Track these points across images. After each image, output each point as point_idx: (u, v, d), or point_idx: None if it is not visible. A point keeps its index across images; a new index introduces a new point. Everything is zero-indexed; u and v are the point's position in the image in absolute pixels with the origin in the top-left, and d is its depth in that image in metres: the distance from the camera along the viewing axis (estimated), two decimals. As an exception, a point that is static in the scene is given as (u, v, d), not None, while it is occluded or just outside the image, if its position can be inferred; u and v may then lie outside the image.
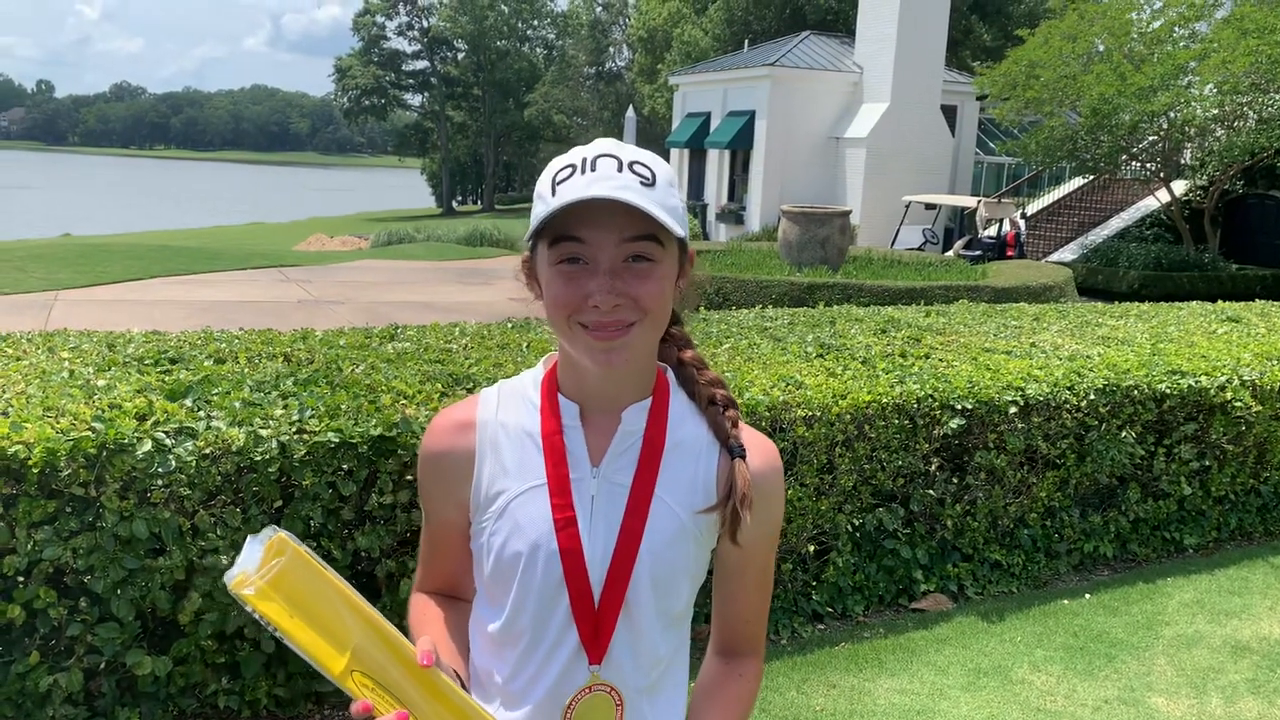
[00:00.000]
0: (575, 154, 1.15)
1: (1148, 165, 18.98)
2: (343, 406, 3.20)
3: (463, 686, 1.15)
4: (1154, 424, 4.83)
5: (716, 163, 26.22)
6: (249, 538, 1.08)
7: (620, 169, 1.12)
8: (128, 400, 3.06)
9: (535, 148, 59.71)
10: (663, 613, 1.24)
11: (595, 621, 1.21)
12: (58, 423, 2.81)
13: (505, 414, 1.26)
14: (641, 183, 1.11)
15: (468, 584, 1.34)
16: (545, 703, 1.22)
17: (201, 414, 3.04)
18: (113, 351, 3.91)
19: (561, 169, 1.14)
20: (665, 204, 1.13)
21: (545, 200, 1.13)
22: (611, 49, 52.17)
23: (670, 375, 1.29)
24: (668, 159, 29.95)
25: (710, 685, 1.34)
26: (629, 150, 1.15)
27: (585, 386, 1.23)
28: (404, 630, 1.19)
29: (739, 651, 1.35)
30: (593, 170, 1.11)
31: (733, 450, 1.24)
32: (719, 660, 1.36)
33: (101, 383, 3.30)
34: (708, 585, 1.34)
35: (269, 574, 1.06)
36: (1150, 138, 18.44)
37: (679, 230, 1.15)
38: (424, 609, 1.33)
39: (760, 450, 1.27)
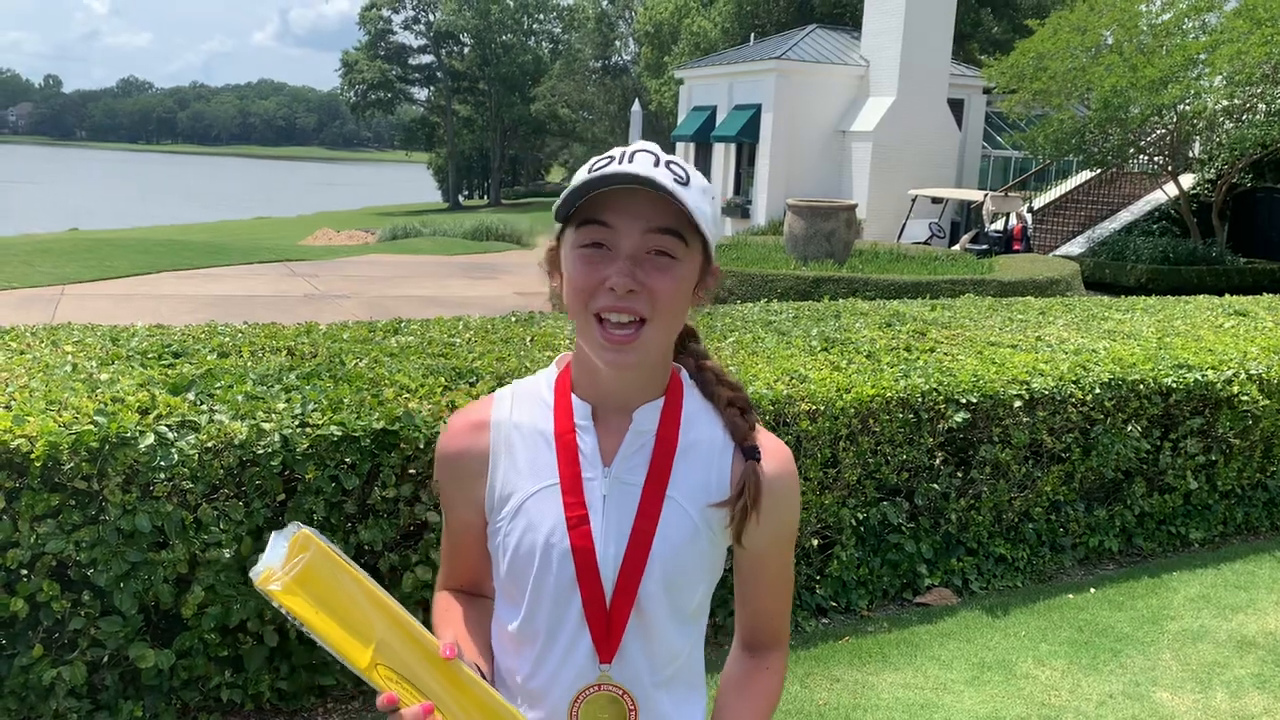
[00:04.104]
0: (615, 150, 1.18)
1: (1155, 159, 18.89)
2: (345, 400, 3.20)
3: (485, 681, 1.16)
4: (1160, 418, 4.81)
5: (722, 156, 26.16)
6: (274, 534, 1.10)
7: (657, 164, 1.14)
8: (130, 394, 3.06)
9: (541, 142, 59.67)
10: (676, 611, 1.24)
11: (606, 621, 1.21)
12: (60, 416, 2.81)
13: (519, 414, 1.27)
14: (675, 180, 1.13)
15: (489, 581, 1.35)
16: (560, 701, 1.23)
17: (204, 407, 3.04)
18: (116, 345, 3.91)
19: (600, 159, 1.16)
20: (697, 205, 1.14)
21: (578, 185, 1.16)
22: (618, 43, 52.07)
23: (685, 376, 1.29)
24: (673, 152, 30.05)
25: (738, 679, 1.35)
26: (667, 155, 1.18)
27: (598, 386, 1.23)
28: (428, 625, 1.20)
29: (763, 645, 1.36)
30: (630, 161, 1.13)
31: (746, 452, 1.24)
32: (744, 654, 1.37)
33: (104, 376, 3.31)
34: (728, 580, 1.35)
35: (294, 570, 1.08)
36: (1159, 131, 18.36)
37: (706, 228, 1.15)
38: (447, 605, 1.35)
39: (775, 454, 1.27)
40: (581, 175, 1.15)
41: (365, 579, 1.10)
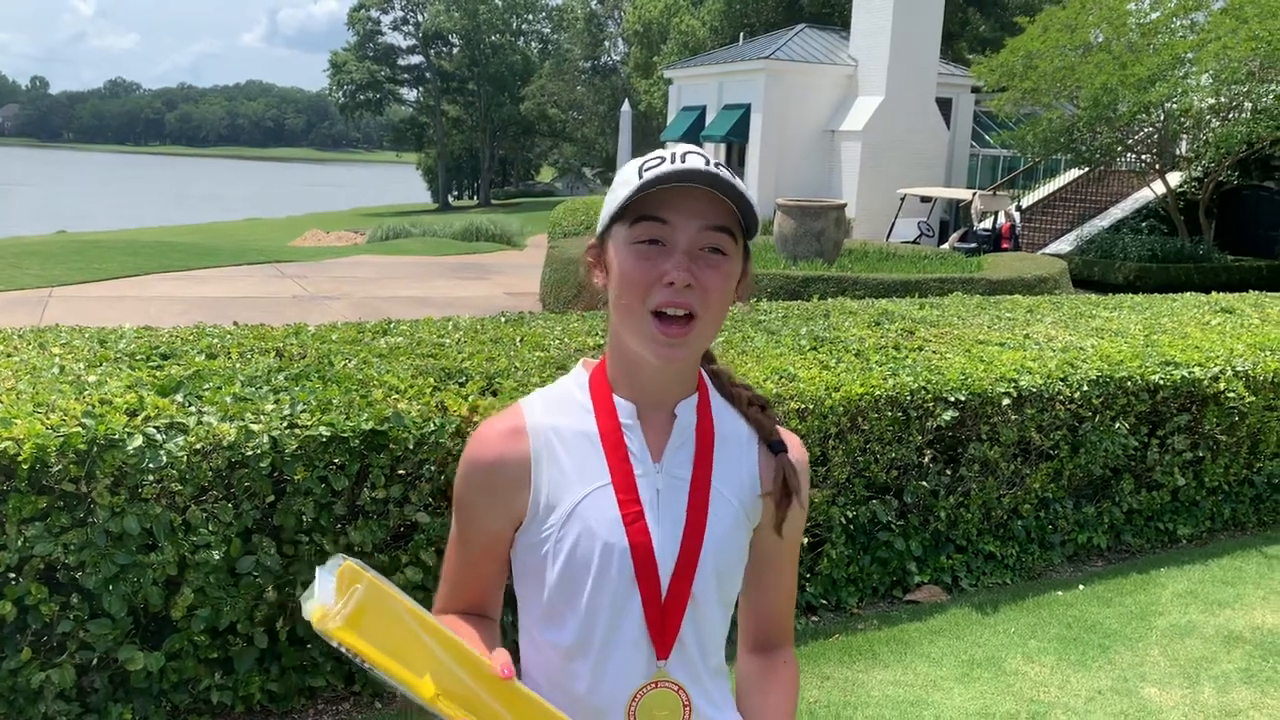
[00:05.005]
0: (663, 151, 1.20)
1: (1143, 157, 18.97)
2: (334, 401, 3.20)
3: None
4: (1147, 415, 4.83)
5: (712, 156, 26.15)
6: (319, 569, 1.07)
7: (708, 164, 1.18)
8: (119, 396, 3.05)
9: (530, 142, 59.60)
10: (722, 601, 1.27)
11: (662, 615, 1.22)
12: (48, 419, 2.80)
13: (555, 418, 1.25)
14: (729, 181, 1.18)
15: (494, 603, 1.32)
16: (617, 704, 1.23)
17: (193, 409, 3.04)
18: (104, 347, 3.89)
19: (650, 159, 1.18)
20: (748, 204, 1.21)
21: (631, 185, 1.16)
22: (607, 43, 52.04)
23: (705, 376, 1.32)
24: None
25: (757, 678, 1.35)
26: (714, 159, 1.22)
27: (640, 384, 1.24)
28: None
29: (774, 643, 1.37)
30: (683, 161, 1.16)
31: (773, 446, 1.29)
32: (756, 655, 1.37)
33: (92, 378, 3.29)
34: None
35: (348, 606, 1.05)
36: (1147, 129, 18.44)
37: (755, 217, 1.22)
38: (457, 625, 1.28)
39: (795, 447, 1.33)
40: (630, 173, 1.17)
41: (414, 606, 1.08)
